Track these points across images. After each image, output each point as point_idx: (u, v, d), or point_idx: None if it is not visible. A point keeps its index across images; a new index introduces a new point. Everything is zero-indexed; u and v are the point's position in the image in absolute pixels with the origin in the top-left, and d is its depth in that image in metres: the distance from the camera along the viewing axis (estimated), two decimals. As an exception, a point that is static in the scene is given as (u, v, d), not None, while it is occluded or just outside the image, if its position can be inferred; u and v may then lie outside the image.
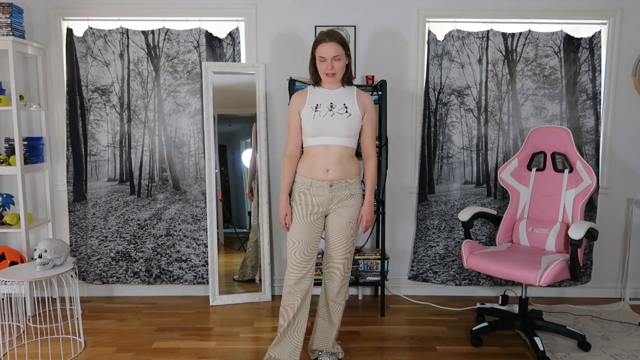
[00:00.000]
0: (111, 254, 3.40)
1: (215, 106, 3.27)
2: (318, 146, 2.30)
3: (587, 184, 2.72)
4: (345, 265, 2.38)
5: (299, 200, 2.33)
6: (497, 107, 3.32)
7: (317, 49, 2.26)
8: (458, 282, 3.44)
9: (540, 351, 2.48)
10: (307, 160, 2.34)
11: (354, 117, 2.30)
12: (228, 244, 3.41)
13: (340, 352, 2.57)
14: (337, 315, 2.47)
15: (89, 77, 3.29)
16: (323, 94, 2.34)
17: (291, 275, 2.32)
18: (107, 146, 3.34)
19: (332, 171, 2.29)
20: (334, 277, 2.39)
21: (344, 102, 2.31)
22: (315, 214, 2.32)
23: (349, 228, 2.35)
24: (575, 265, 2.49)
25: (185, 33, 3.28)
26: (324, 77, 2.31)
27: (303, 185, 2.33)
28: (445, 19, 3.30)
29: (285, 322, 2.34)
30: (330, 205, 2.33)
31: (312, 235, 2.32)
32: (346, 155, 2.31)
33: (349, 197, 2.34)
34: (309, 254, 2.32)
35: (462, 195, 3.40)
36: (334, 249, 2.37)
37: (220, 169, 3.36)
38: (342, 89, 2.36)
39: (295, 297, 2.32)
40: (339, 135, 2.28)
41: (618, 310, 3.25)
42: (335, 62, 2.24)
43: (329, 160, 2.29)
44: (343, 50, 2.25)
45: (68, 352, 2.63)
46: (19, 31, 3.08)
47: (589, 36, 3.25)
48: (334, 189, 2.31)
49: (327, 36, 2.23)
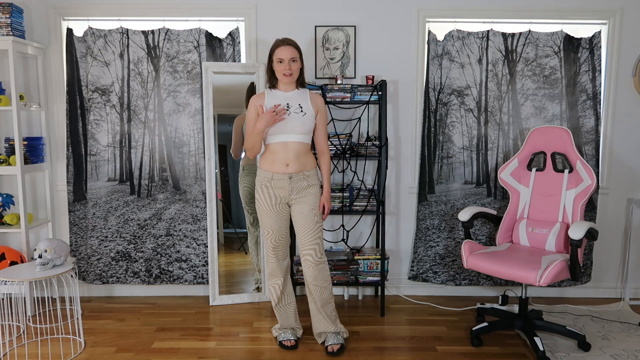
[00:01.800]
0: (111, 254, 3.40)
1: (215, 106, 3.27)
2: (278, 143, 2.53)
3: (587, 184, 2.72)
4: (316, 250, 2.58)
5: (263, 193, 2.58)
6: (497, 107, 3.32)
7: (275, 52, 2.52)
8: (458, 282, 3.44)
9: (540, 351, 2.48)
10: (268, 156, 2.58)
11: (308, 116, 2.55)
12: (228, 244, 3.41)
13: (344, 332, 2.74)
14: (324, 297, 2.63)
15: (89, 77, 3.29)
16: (280, 95, 2.59)
17: (271, 259, 2.65)
18: (107, 146, 3.34)
19: (291, 165, 2.54)
20: (308, 263, 2.59)
21: (299, 103, 2.57)
22: (279, 204, 2.58)
23: (313, 214, 2.58)
24: (575, 265, 2.49)
25: (185, 33, 3.28)
26: (281, 77, 2.53)
27: (265, 178, 2.57)
28: (445, 19, 3.30)
29: (275, 298, 2.71)
30: (291, 196, 2.57)
31: (282, 222, 2.61)
32: (303, 150, 2.56)
33: (307, 187, 2.59)
34: (282, 239, 2.63)
35: (462, 195, 3.40)
36: (303, 237, 2.58)
37: (220, 169, 3.36)
38: (297, 91, 2.61)
39: (277, 278, 2.67)
40: (296, 132, 2.53)
41: (618, 310, 3.25)
42: (292, 64, 2.50)
43: (288, 155, 2.53)
44: (298, 54, 2.54)
45: (68, 352, 2.63)
46: (19, 31, 3.08)
47: (589, 36, 3.25)
48: (293, 181, 2.55)
49: (285, 41, 2.52)
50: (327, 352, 2.61)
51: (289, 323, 2.74)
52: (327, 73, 3.33)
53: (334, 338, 2.65)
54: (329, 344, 2.63)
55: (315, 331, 2.72)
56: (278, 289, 2.67)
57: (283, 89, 2.59)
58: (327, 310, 2.65)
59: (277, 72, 2.53)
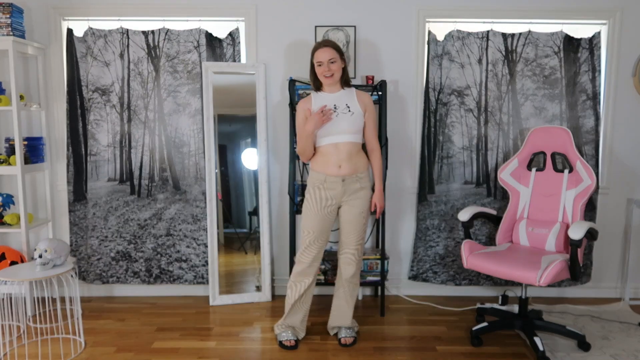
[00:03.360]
0: (111, 254, 3.40)
1: (216, 106, 3.27)
2: (328, 145, 2.55)
3: (587, 184, 2.72)
4: (358, 250, 2.66)
5: (314, 194, 2.58)
6: (497, 107, 3.32)
7: (314, 56, 2.55)
8: (458, 282, 3.44)
9: (540, 351, 2.48)
10: (319, 158, 2.59)
11: (356, 115, 2.56)
12: (228, 244, 3.41)
13: (356, 326, 2.84)
14: (354, 293, 2.76)
15: (89, 77, 3.29)
16: (326, 97, 2.59)
17: (304, 259, 2.61)
18: (107, 146, 3.34)
19: (344, 167, 2.54)
20: (349, 261, 2.66)
21: (346, 103, 2.57)
22: (329, 207, 2.58)
23: (361, 218, 2.61)
24: (575, 265, 2.49)
25: (186, 33, 3.28)
26: (323, 79, 2.55)
27: (317, 180, 2.58)
28: (445, 19, 3.30)
29: (295, 295, 2.65)
30: (343, 198, 2.59)
31: (325, 226, 2.60)
32: (354, 150, 2.57)
33: (360, 189, 2.60)
34: (321, 242, 2.61)
35: (462, 195, 3.40)
36: (348, 237, 2.63)
37: (220, 169, 3.37)
38: (343, 91, 2.61)
39: (306, 278, 2.65)
40: (346, 132, 2.53)
41: (618, 310, 3.25)
42: (331, 65, 2.51)
43: (340, 157, 2.54)
44: (337, 54, 2.53)
45: (68, 352, 2.63)
46: (19, 31, 3.08)
47: (589, 36, 3.25)
48: (346, 183, 2.56)
49: (322, 43, 2.53)
50: (341, 344, 2.71)
51: (294, 322, 2.73)
52: (327, 73, 3.33)
53: (347, 331, 2.75)
54: (343, 337, 2.72)
55: (331, 325, 2.81)
56: (303, 288, 2.65)
57: (328, 90, 2.60)
58: (351, 305, 2.75)
59: (318, 74, 2.55)
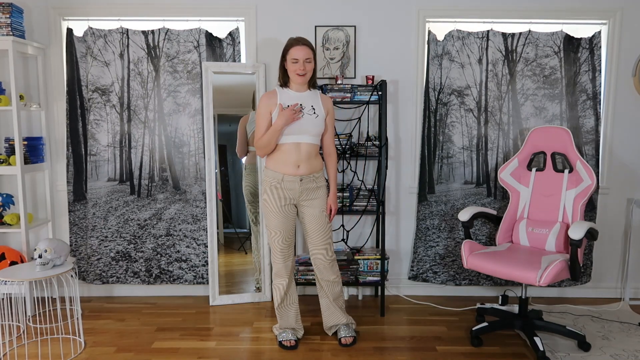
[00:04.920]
0: (111, 254, 3.40)
1: (215, 106, 3.27)
2: (290, 144, 2.53)
3: (587, 184, 2.72)
4: (327, 249, 2.64)
5: (272, 194, 2.57)
6: (497, 107, 3.32)
7: (289, 52, 2.51)
8: (458, 282, 3.44)
9: (540, 351, 2.48)
10: (278, 157, 2.56)
11: (320, 117, 2.57)
12: (228, 244, 3.41)
13: (353, 324, 2.82)
14: (336, 291, 2.72)
15: (89, 77, 3.29)
16: (292, 95, 2.58)
17: (277, 260, 2.63)
18: (107, 146, 3.34)
19: (302, 167, 2.54)
20: (319, 262, 2.65)
21: (311, 104, 2.57)
22: (288, 205, 2.59)
23: (323, 216, 2.62)
24: (575, 265, 2.49)
25: (185, 33, 3.28)
26: (294, 77, 2.52)
27: (274, 179, 2.56)
28: (445, 19, 3.30)
29: (279, 298, 2.69)
30: (301, 197, 2.59)
31: (289, 223, 2.61)
32: (313, 152, 2.58)
33: (317, 189, 2.61)
34: (289, 240, 2.62)
35: (462, 195, 3.40)
36: (314, 238, 2.63)
37: (220, 169, 3.36)
38: (309, 92, 2.61)
39: (283, 278, 2.66)
40: (308, 134, 2.54)
41: (618, 310, 3.25)
42: (306, 64, 2.50)
43: (300, 157, 2.53)
44: (312, 54, 2.52)
45: (68, 352, 2.63)
46: (19, 31, 3.08)
47: (589, 36, 3.25)
48: (304, 183, 2.56)
49: (300, 41, 2.50)
50: (341, 344, 2.69)
51: (289, 323, 2.74)
52: (327, 73, 3.33)
53: (346, 330, 2.73)
54: (343, 336, 2.71)
55: (326, 325, 2.80)
56: (282, 289, 2.67)
57: (295, 88, 2.58)
58: (339, 303, 2.74)
59: (291, 71, 2.52)
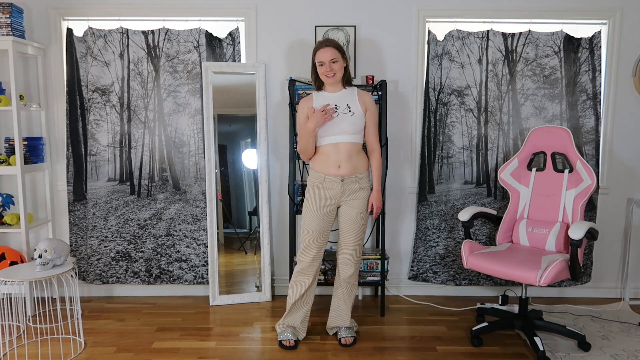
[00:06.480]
0: (111, 254, 3.40)
1: (215, 106, 3.27)
2: (328, 145, 2.55)
3: (587, 184, 2.72)
4: (357, 251, 2.65)
5: (313, 193, 2.58)
6: (497, 107, 3.32)
7: (316, 56, 2.53)
8: (458, 282, 3.44)
9: (540, 351, 2.48)
10: (319, 158, 2.59)
11: (357, 115, 2.55)
12: (228, 244, 3.41)
13: (355, 326, 2.84)
14: (352, 293, 2.76)
15: (89, 77, 3.29)
16: (327, 97, 2.59)
17: (304, 258, 2.62)
18: (107, 146, 3.34)
19: (343, 167, 2.54)
20: (347, 261, 2.66)
21: (347, 103, 2.56)
22: (328, 207, 2.58)
23: (360, 218, 2.61)
24: (575, 265, 2.49)
25: (185, 33, 3.28)
26: (324, 79, 2.54)
27: (317, 179, 2.58)
28: (445, 19, 3.30)
29: (296, 295, 2.65)
30: (342, 198, 2.59)
31: (324, 225, 2.60)
32: (354, 150, 2.56)
33: (359, 190, 2.59)
34: (320, 242, 2.61)
35: (462, 195, 3.40)
36: (346, 238, 2.63)
37: (220, 169, 3.37)
38: (344, 91, 2.61)
39: (307, 277, 2.64)
40: (345, 133, 2.53)
41: (618, 310, 3.25)
42: (332, 65, 2.50)
43: (339, 157, 2.54)
44: (339, 53, 2.52)
45: (68, 352, 2.63)
46: (19, 31, 3.08)
47: (589, 36, 3.25)
48: (345, 183, 2.56)
49: (324, 43, 2.51)
50: (341, 344, 2.70)
51: (294, 322, 2.73)
52: (327, 73, 3.33)
53: (347, 331, 2.75)
54: (343, 337, 2.72)
55: (330, 325, 2.82)
56: (303, 287, 2.64)
57: (329, 90, 2.60)
58: (349, 305, 2.76)
59: (320, 74, 2.54)
